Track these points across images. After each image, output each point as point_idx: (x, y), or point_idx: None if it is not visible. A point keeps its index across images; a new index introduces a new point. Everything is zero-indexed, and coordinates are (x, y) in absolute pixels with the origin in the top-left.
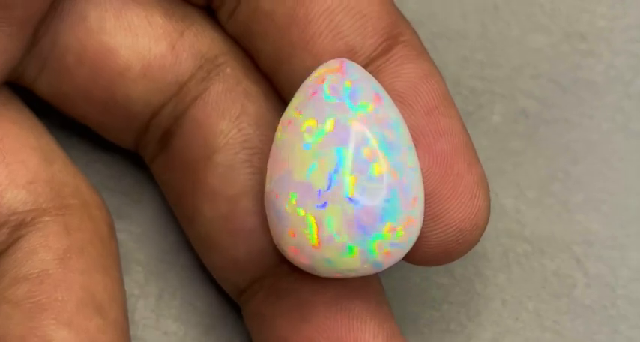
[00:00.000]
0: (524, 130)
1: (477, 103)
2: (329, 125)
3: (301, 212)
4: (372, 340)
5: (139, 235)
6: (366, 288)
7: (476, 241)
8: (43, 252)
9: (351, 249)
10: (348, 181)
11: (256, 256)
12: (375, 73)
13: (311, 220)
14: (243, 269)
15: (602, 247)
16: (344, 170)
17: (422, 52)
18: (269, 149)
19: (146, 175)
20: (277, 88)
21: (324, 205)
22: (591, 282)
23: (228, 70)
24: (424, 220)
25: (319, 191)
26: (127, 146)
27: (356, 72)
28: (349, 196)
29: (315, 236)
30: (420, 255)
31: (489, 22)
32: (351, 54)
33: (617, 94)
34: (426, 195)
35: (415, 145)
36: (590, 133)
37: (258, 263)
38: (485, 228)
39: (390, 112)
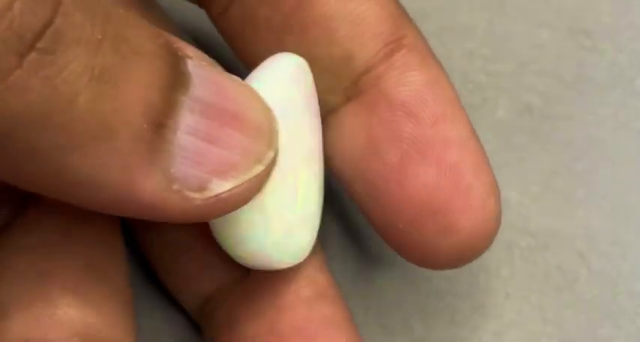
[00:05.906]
0: (528, 125)
1: (481, 97)
2: None
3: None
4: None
5: None
6: (330, 290)
7: (488, 246)
8: (47, 222)
9: (254, 249)
10: None
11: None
12: (378, 80)
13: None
14: (216, 273)
15: (605, 242)
16: None
17: (427, 56)
18: None
19: None
20: None
21: None
22: (594, 277)
23: None
24: (434, 231)
25: None
26: None
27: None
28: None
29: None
30: (431, 262)
31: (495, 17)
32: (348, 60)
33: (621, 90)
34: (436, 207)
35: (423, 156)
36: (593, 129)
37: (231, 265)
38: (497, 232)
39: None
